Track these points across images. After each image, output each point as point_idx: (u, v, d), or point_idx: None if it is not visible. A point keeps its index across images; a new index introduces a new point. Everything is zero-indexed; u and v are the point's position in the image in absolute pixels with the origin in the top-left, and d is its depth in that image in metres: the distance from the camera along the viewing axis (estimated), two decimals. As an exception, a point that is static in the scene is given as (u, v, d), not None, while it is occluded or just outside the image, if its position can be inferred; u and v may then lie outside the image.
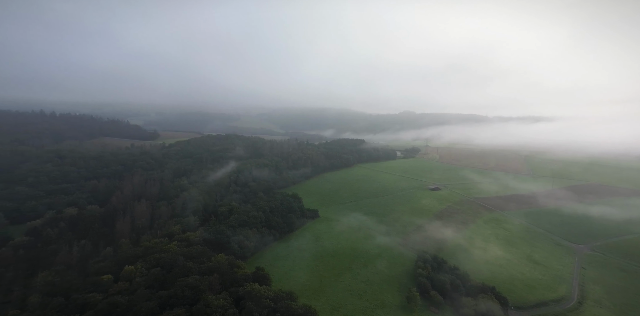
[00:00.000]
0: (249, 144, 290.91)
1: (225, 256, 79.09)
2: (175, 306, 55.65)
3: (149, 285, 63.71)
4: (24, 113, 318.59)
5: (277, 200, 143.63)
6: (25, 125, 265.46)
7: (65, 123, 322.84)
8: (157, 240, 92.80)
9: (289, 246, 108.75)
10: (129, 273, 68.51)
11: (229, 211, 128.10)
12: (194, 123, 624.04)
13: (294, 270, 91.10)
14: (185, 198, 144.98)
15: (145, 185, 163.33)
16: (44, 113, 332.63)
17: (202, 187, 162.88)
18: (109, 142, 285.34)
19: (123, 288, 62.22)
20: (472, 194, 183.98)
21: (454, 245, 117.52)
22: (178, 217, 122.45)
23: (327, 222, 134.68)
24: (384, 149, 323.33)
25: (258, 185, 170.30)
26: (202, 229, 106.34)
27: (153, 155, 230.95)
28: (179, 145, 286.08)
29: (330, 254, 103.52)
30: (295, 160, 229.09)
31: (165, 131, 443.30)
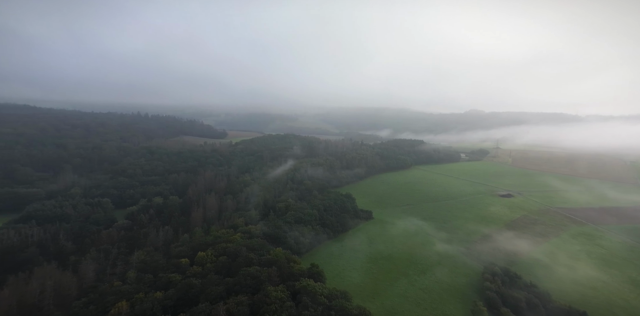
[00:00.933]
0: (305, 143, 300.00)
1: (282, 251, 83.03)
2: (239, 293, 60.42)
3: (217, 271, 70.45)
4: (127, 115, 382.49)
5: (331, 199, 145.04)
6: (127, 125, 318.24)
7: (155, 123, 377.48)
8: (224, 231, 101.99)
9: (343, 246, 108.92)
10: (201, 258, 76.78)
11: (286, 207, 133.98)
12: (257, 123, 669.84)
13: (347, 270, 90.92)
14: (248, 193, 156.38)
15: (215, 180, 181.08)
16: (140, 115, 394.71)
17: (263, 183, 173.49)
18: (187, 140, 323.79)
19: (197, 272, 69.92)
20: (555, 203, 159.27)
21: (530, 259, 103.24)
22: (241, 210, 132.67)
23: (382, 224, 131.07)
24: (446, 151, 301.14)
25: (313, 183, 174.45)
26: (262, 223, 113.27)
27: (222, 153, 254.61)
28: (243, 143, 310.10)
29: (385, 257, 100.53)
30: (349, 160, 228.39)
31: (232, 130, 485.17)
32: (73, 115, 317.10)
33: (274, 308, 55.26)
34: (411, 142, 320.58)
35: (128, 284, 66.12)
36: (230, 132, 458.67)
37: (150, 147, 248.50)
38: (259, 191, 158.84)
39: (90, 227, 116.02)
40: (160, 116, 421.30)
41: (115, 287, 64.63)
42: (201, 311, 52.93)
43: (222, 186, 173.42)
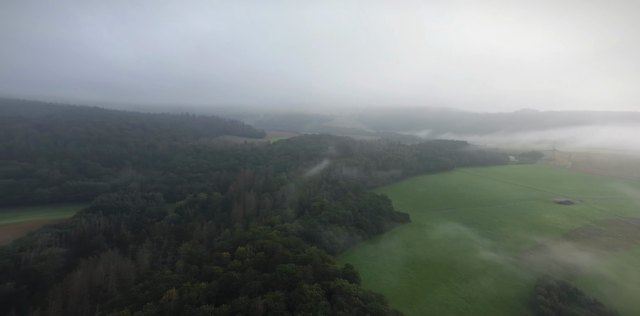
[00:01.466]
0: (340, 144, 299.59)
1: (317, 250, 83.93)
2: (276, 289, 62.42)
3: (255, 266, 73.46)
4: (177, 116, 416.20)
5: (366, 200, 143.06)
6: (177, 125, 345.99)
7: (201, 123, 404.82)
8: (262, 227, 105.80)
9: (378, 248, 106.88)
10: (241, 253, 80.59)
11: (320, 206, 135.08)
12: (294, 123, 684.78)
13: (383, 273, 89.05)
14: (284, 192, 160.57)
15: (254, 178, 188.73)
16: (188, 116, 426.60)
17: (298, 182, 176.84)
18: (229, 139, 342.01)
19: (237, 266, 73.58)
20: (626, 213, 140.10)
21: (594, 274, 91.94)
22: (278, 208, 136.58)
23: (419, 228, 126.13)
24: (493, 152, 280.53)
25: (347, 183, 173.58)
26: (298, 221, 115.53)
27: (260, 152, 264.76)
28: (280, 143, 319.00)
29: (423, 262, 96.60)
30: (385, 160, 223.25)
31: (270, 130, 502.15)
32: (133, 116, 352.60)
33: (309, 306, 56.13)
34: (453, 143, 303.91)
35: (177, 273, 71.80)
36: (269, 132, 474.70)
37: (197, 145, 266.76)
38: (295, 190, 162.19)
39: (146, 219, 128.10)
40: (205, 116, 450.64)
41: (166, 275, 70.56)
42: (241, 303, 55.61)
43: (260, 184, 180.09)
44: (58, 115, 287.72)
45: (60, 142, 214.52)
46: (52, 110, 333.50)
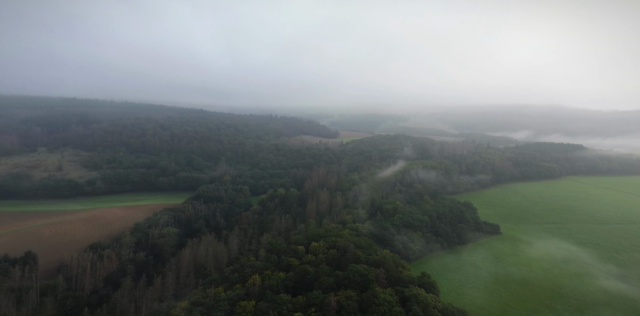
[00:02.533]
0: (416, 145, 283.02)
1: (390, 254, 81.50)
2: (348, 288, 63.31)
3: (328, 262, 75.91)
4: (262, 116, 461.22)
5: (446, 206, 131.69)
6: (262, 125, 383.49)
7: (282, 123, 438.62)
8: (334, 225, 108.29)
9: (460, 259, 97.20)
10: (315, 248, 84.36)
11: (393, 209, 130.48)
12: (368, 123, 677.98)
13: (466, 287, 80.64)
14: (356, 192, 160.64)
15: (327, 177, 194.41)
16: (271, 116, 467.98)
17: (370, 183, 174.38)
18: (305, 139, 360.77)
19: (311, 260, 77.39)
20: None
21: None
22: (349, 208, 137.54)
23: (513, 242, 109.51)
24: (621, 159, 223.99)
25: (424, 187, 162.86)
26: (369, 222, 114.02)
27: (333, 151, 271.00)
28: (353, 143, 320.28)
29: (519, 282, 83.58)
30: (469, 164, 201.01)
31: (344, 130, 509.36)
32: (227, 117, 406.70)
33: (382, 310, 55.07)
34: (563, 147, 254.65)
35: (259, 261, 79.83)
36: (342, 132, 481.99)
37: (278, 144, 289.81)
38: (367, 190, 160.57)
39: (235, 209, 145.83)
40: (286, 117, 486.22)
41: (251, 262, 79.20)
42: (315, 297, 58.30)
43: (333, 183, 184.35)
44: (175, 117, 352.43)
45: (175, 139, 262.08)
46: (171, 112, 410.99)
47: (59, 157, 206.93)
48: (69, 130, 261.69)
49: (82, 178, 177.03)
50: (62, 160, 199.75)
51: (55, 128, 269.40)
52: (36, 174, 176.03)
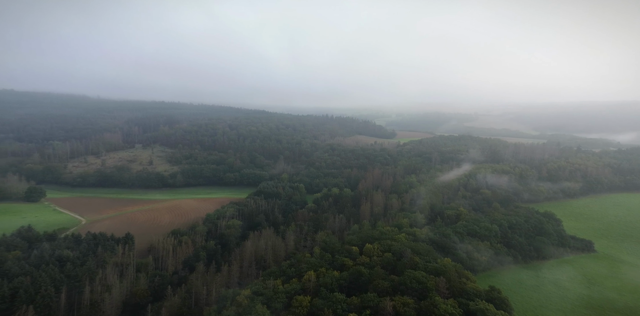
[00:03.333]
0: (485, 146, 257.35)
1: (452, 262, 75.92)
2: (404, 294, 61.10)
3: (383, 265, 74.33)
4: (319, 117, 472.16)
5: (521, 215, 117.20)
6: (318, 125, 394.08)
7: (337, 123, 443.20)
8: (389, 228, 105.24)
9: (539, 276, 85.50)
10: (369, 250, 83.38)
11: (456, 216, 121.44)
12: (428, 123, 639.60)
13: (547, 309, 70.59)
14: (413, 195, 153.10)
15: (382, 178, 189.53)
16: (327, 117, 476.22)
17: (429, 186, 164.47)
18: (360, 139, 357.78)
19: (365, 262, 76.78)
20: None
21: None
22: (406, 211, 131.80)
23: (612, 263, 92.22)
24: None
25: (493, 193, 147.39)
26: (428, 228, 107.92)
27: (389, 152, 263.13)
28: (411, 144, 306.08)
29: (620, 310, 70.16)
30: (552, 170, 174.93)
31: (401, 131, 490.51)
32: (286, 117, 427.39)
33: (442, 322, 51.83)
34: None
35: (314, 258, 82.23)
36: (400, 132, 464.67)
37: (332, 144, 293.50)
38: (425, 194, 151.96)
39: (292, 206, 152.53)
40: (341, 117, 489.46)
41: (306, 258, 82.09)
42: (370, 300, 57.75)
43: (388, 184, 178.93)
44: (241, 118, 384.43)
45: (241, 138, 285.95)
46: (238, 113, 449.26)
47: (150, 152, 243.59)
48: (158, 130, 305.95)
49: (166, 172, 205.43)
50: (152, 156, 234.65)
51: (148, 127, 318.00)
52: (134, 167, 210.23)
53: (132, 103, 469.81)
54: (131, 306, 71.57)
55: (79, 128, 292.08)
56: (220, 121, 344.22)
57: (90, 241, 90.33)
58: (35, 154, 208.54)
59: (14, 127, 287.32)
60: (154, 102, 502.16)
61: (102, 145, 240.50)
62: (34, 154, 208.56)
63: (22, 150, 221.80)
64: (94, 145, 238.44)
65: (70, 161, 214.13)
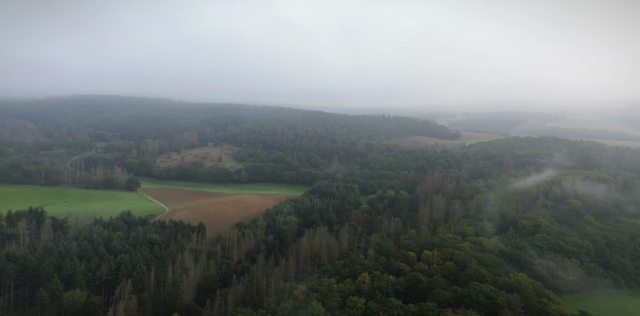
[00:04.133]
0: (574, 150, 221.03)
1: (529, 279, 66.84)
2: (469, 307, 56.05)
3: (444, 274, 69.33)
4: (375, 117, 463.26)
5: (623, 232, 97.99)
6: (374, 125, 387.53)
7: (395, 123, 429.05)
8: (451, 236, 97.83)
9: (647, 309, 69.99)
10: (427, 257, 78.69)
11: (533, 227, 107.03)
12: (500, 123, 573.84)
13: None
14: (480, 201, 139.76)
15: (443, 181, 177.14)
16: (384, 117, 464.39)
17: (500, 193, 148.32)
18: (419, 140, 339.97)
19: (423, 268, 72.66)
20: None
21: None
22: (471, 219, 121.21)
23: None
24: None
25: (585, 204, 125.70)
26: (497, 238, 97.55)
27: (452, 154, 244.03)
28: (478, 146, 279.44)
29: None
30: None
31: (467, 131, 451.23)
32: (341, 117, 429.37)
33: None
34: None
35: (368, 260, 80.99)
36: (465, 133, 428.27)
37: (388, 145, 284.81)
38: (495, 201, 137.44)
39: (346, 206, 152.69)
40: (399, 117, 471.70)
41: (360, 259, 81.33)
42: (429, 309, 54.41)
43: (450, 189, 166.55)
44: (299, 118, 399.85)
45: (298, 138, 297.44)
46: (296, 114, 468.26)
47: (219, 150, 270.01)
48: (226, 129, 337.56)
49: (232, 168, 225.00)
50: (221, 153, 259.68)
51: (219, 127, 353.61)
52: (206, 163, 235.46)
53: (206, 105, 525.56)
54: (204, 289, 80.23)
55: (165, 128, 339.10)
56: (280, 121, 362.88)
57: (172, 227, 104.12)
58: (134, 150, 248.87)
59: (120, 127, 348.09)
60: (224, 104, 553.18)
61: (182, 143, 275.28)
62: (132, 150, 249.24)
63: (124, 147, 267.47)
64: (176, 143, 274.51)
65: (158, 157, 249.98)
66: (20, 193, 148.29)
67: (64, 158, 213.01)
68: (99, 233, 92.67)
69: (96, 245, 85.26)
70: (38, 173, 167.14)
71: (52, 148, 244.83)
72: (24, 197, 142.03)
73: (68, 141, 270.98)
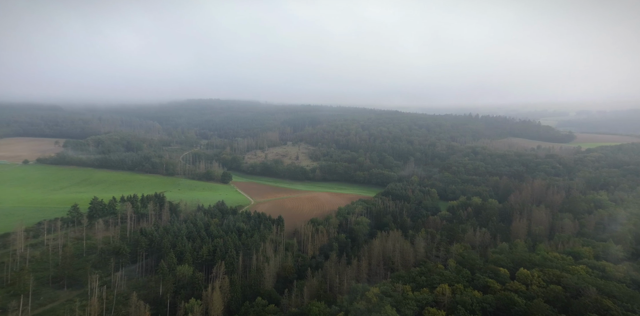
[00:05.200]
0: None
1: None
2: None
3: (548, 299, 58.33)
4: (459, 116, 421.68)
5: None
6: (458, 125, 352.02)
7: (484, 123, 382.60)
8: (557, 255, 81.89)
9: None
10: (524, 276, 67.42)
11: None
12: (636, 123, 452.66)
13: None
14: (603, 218, 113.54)
15: (547, 191, 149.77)
16: (470, 116, 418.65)
17: (634, 209, 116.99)
18: (515, 142, 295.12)
19: (519, 289, 62.65)
20: None
21: None
22: (587, 237, 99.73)
23: None
24: None
25: None
26: (629, 264, 77.44)
27: (561, 160, 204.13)
28: (601, 150, 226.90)
29: None
30: None
31: (584, 133, 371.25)
32: (420, 117, 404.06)
33: None
34: None
35: (448, 270, 74.02)
36: (580, 134, 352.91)
37: (475, 147, 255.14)
38: (627, 219, 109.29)
39: (422, 211, 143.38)
40: (489, 117, 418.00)
41: (439, 269, 74.89)
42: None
43: (557, 200, 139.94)
44: (373, 118, 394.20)
45: (371, 138, 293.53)
46: (370, 114, 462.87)
47: (297, 149, 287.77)
48: (303, 130, 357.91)
49: (308, 167, 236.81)
50: (298, 152, 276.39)
51: (297, 127, 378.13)
52: (285, 161, 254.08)
53: (287, 107, 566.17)
54: (282, 279, 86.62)
55: (253, 128, 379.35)
56: (354, 122, 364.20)
57: (256, 219, 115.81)
58: (227, 147, 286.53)
59: (218, 127, 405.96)
60: (303, 105, 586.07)
61: (266, 142, 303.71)
62: (226, 147, 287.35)
63: (221, 144, 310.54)
64: (260, 141, 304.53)
65: (246, 154, 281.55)
66: (149, 181, 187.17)
67: (178, 153, 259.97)
68: (201, 219, 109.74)
69: (199, 228, 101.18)
70: (161, 165, 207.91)
71: (171, 145, 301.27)
72: (151, 183, 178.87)
73: (181, 138, 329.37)
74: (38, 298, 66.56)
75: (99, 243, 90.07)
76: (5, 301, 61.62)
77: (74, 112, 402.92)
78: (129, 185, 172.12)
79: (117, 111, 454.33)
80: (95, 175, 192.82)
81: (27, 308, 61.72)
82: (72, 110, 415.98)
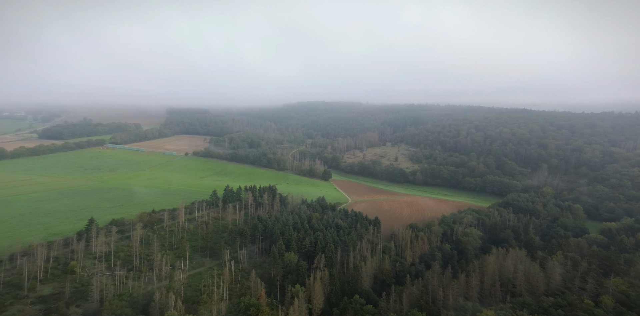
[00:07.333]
0: None
1: None
2: None
3: None
4: (626, 115, 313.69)
5: None
6: (623, 126, 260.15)
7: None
8: None
9: None
10: None
11: None
12: None
13: None
14: None
15: None
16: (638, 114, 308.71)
17: None
18: None
19: None
20: None
21: None
22: None
23: None
24: None
25: None
26: None
27: None
28: None
29: None
30: None
31: None
32: (560, 116, 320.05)
33: None
34: None
35: (601, 309, 56.82)
36: None
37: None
38: None
39: (558, 230, 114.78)
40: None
41: (586, 305, 58.39)
42: None
43: None
44: (491, 118, 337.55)
45: (487, 141, 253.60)
46: (488, 113, 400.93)
47: (396, 150, 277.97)
48: (404, 130, 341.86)
49: (408, 169, 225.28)
50: (398, 153, 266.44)
51: (397, 128, 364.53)
52: (383, 162, 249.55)
53: (389, 107, 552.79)
54: (379, 281, 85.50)
55: (353, 128, 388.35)
56: (465, 122, 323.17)
57: (353, 217, 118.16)
58: (329, 147, 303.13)
59: (322, 127, 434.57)
60: (405, 105, 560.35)
61: (364, 142, 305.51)
62: (328, 147, 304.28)
63: (323, 143, 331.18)
64: (359, 141, 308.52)
65: (345, 153, 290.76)
66: (265, 174, 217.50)
67: (287, 150, 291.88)
68: (304, 211, 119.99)
69: (302, 220, 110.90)
70: (274, 161, 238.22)
71: (282, 143, 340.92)
72: (266, 177, 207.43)
73: (291, 137, 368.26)
74: (192, 262, 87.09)
75: (229, 223, 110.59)
76: (174, 260, 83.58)
77: (217, 114, 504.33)
78: (250, 177, 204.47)
79: (245, 113, 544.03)
80: (227, 167, 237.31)
81: (186, 268, 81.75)
82: (216, 113, 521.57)
